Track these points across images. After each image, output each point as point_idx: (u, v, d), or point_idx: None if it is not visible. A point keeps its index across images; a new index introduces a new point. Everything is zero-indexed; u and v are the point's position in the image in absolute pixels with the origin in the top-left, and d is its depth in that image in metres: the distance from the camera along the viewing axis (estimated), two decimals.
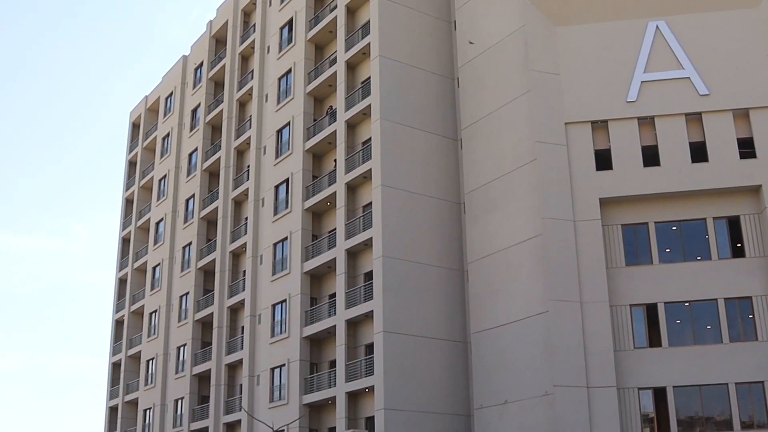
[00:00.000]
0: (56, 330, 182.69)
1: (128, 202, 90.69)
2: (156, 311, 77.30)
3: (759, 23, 50.95)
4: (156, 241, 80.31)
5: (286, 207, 61.03)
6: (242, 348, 63.71)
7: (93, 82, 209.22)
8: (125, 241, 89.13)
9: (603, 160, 50.41)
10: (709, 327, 47.86)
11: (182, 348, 72.08)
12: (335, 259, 55.60)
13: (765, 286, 47.57)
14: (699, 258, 49.00)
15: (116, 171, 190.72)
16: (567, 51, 52.24)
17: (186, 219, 75.73)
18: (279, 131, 63.98)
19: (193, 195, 75.02)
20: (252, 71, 71.03)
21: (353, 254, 55.39)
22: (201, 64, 79.59)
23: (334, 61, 60.68)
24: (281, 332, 58.79)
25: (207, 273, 71.80)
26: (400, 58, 56.58)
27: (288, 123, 62.77)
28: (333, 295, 56.30)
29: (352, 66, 59.50)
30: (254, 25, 72.17)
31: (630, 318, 48.25)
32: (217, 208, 70.85)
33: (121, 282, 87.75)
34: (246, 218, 67.52)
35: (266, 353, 59.87)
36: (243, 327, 64.61)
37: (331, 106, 60.56)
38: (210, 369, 67.08)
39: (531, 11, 52.90)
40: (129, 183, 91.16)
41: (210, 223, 73.29)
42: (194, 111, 79.20)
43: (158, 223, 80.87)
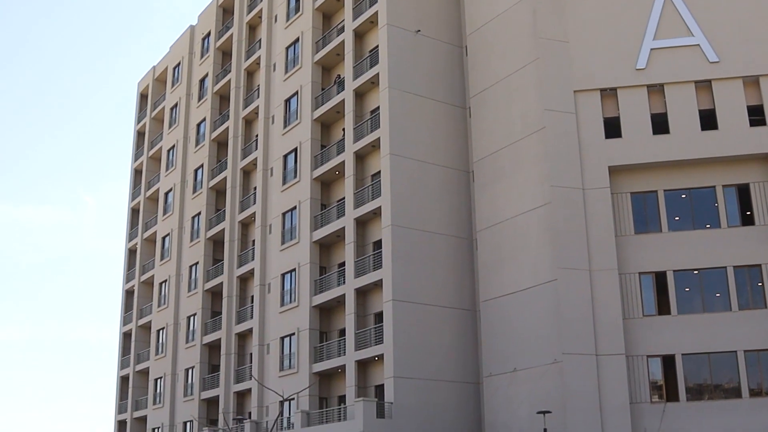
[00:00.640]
0: (66, 301, 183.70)
1: (137, 173, 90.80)
2: (166, 281, 77.59)
3: None
4: (165, 212, 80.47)
5: (295, 176, 61.04)
6: (252, 317, 63.96)
7: (100, 53, 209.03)
8: (134, 212, 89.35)
9: (612, 128, 50.24)
10: (718, 295, 47.86)
11: (192, 317, 72.40)
12: (344, 228, 55.67)
13: None
14: (708, 226, 48.92)
15: (124, 142, 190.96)
16: (576, 18, 51.94)
17: (195, 189, 75.82)
18: (287, 100, 63.88)
19: (202, 165, 75.08)
20: (259, 40, 70.84)
21: (362, 223, 55.45)
22: (208, 34, 79.38)
23: (342, 30, 60.46)
24: (291, 301, 58.98)
25: (216, 243, 71.98)
26: (408, 26, 56.33)
27: (296, 92, 62.65)
28: (342, 264, 56.41)
29: (360, 35, 59.28)
30: None
31: (639, 286, 48.27)
32: (226, 178, 70.90)
33: (131, 252, 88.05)
34: (255, 188, 67.56)
35: (276, 322, 60.11)
36: (252, 296, 64.84)
37: (339, 75, 60.39)
38: (220, 338, 67.41)
39: None
40: (137, 153, 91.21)
41: (219, 193, 73.38)
42: (202, 81, 79.08)
43: (167, 194, 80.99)
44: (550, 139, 49.87)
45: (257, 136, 68.31)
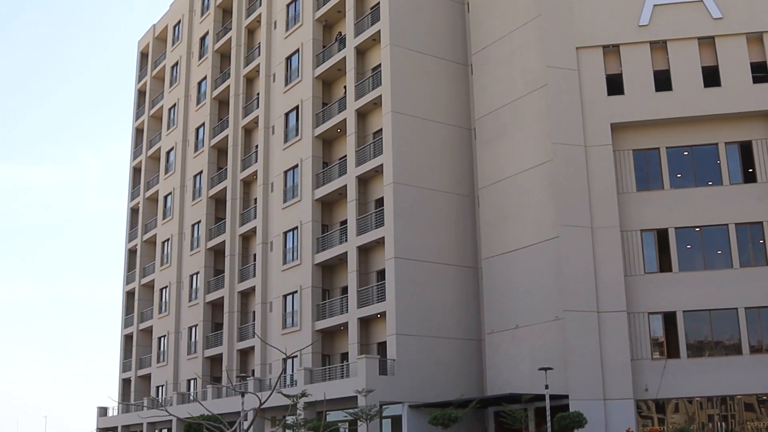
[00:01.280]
0: (69, 260, 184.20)
1: (138, 132, 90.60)
2: (168, 240, 77.73)
3: None
4: (167, 170, 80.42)
5: (297, 134, 60.94)
6: (254, 275, 64.15)
7: (100, 12, 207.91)
8: (136, 171, 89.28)
9: (614, 85, 50.05)
10: (720, 252, 47.94)
11: (195, 276, 72.62)
12: (346, 186, 55.66)
13: None
14: (710, 183, 48.89)
15: (125, 100, 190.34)
16: None
17: (196, 148, 75.73)
18: (288, 58, 63.59)
19: (203, 124, 74.92)
20: None
21: (364, 181, 55.44)
22: None
23: None
24: (293, 259, 59.12)
25: (218, 201, 72.01)
26: None
27: (297, 50, 62.35)
28: (344, 222, 56.46)
29: None
30: None
31: (641, 243, 48.33)
32: (228, 137, 70.77)
33: (133, 211, 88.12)
34: (256, 146, 67.45)
35: (278, 280, 60.31)
36: (255, 254, 64.98)
37: (341, 33, 60.07)
38: (223, 296, 67.66)
39: None
40: (138, 112, 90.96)
41: (220, 152, 73.29)
42: (202, 39, 78.67)
43: (169, 152, 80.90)
44: (552, 96, 49.70)
45: (258, 95, 68.10)
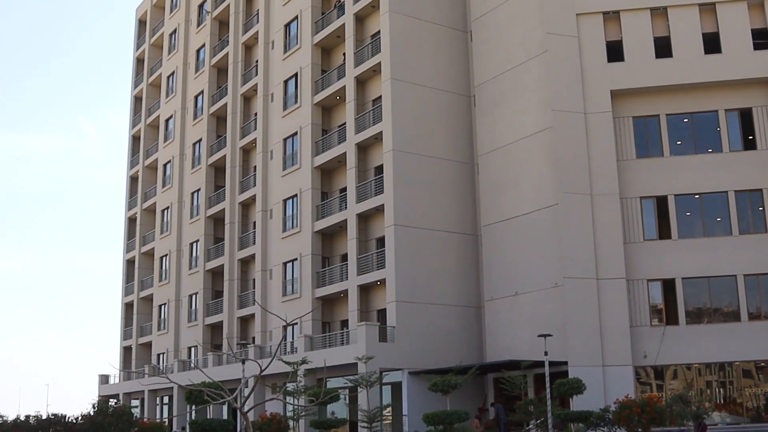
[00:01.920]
0: (69, 229, 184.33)
1: (137, 100, 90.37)
2: (168, 208, 77.77)
3: None
4: (166, 139, 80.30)
5: (296, 102, 60.80)
6: (254, 243, 64.24)
7: None
8: (135, 139, 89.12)
9: (614, 52, 49.86)
10: (719, 219, 47.98)
11: (195, 244, 72.73)
12: (345, 154, 55.60)
13: None
14: (710, 150, 48.85)
15: (123, 69, 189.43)
16: None
17: (195, 115, 75.58)
18: (287, 26, 63.30)
19: (202, 91, 74.73)
20: None
21: (363, 148, 55.37)
22: None
23: None
24: (293, 227, 59.19)
25: (218, 169, 71.96)
26: None
27: (296, 17, 62.05)
28: (344, 190, 56.46)
29: None
30: None
31: (640, 210, 48.34)
32: (227, 104, 70.59)
33: (133, 180, 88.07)
34: (255, 114, 67.29)
35: (278, 248, 60.41)
36: (255, 222, 65.02)
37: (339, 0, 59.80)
38: (223, 264, 67.78)
39: None
40: (137, 81, 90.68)
41: (219, 120, 73.14)
42: (201, 6, 78.25)
43: (168, 120, 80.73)
44: (552, 63, 49.53)
45: (257, 62, 67.85)
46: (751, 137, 48.56)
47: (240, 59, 70.27)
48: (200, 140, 73.95)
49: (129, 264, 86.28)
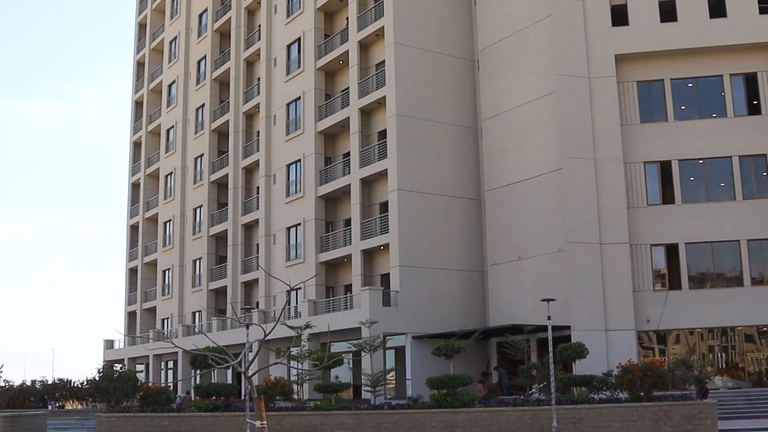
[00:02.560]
0: (73, 195, 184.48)
1: (139, 65, 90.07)
2: (171, 173, 77.76)
3: None
4: (169, 104, 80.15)
5: (299, 66, 60.61)
6: (258, 208, 64.27)
7: None
8: (138, 105, 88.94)
9: (619, 16, 49.57)
10: (723, 184, 47.94)
11: (199, 209, 72.79)
12: (349, 118, 55.49)
13: None
14: (714, 115, 48.71)
15: (126, 34, 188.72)
16: None
17: (198, 81, 75.37)
18: None
19: (205, 56, 74.47)
20: None
21: (367, 113, 55.25)
22: None
23: None
24: (296, 192, 59.21)
25: (221, 134, 71.88)
26: None
27: None
28: (347, 154, 56.41)
29: None
30: None
31: (644, 175, 48.31)
32: (229, 69, 70.37)
33: (136, 145, 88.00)
34: (258, 78, 67.10)
35: (282, 213, 60.48)
36: (258, 187, 65.04)
37: None
38: (226, 229, 67.88)
39: None
40: (139, 46, 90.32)
41: (222, 85, 72.95)
42: None
43: (170, 86, 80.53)
44: (556, 28, 49.28)
45: (260, 27, 67.54)
46: (756, 102, 48.39)
47: (243, 24, 69.94)
48: (203, 105, 73.79)
49: (133, 229, 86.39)
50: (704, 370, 38.64)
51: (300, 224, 58.11)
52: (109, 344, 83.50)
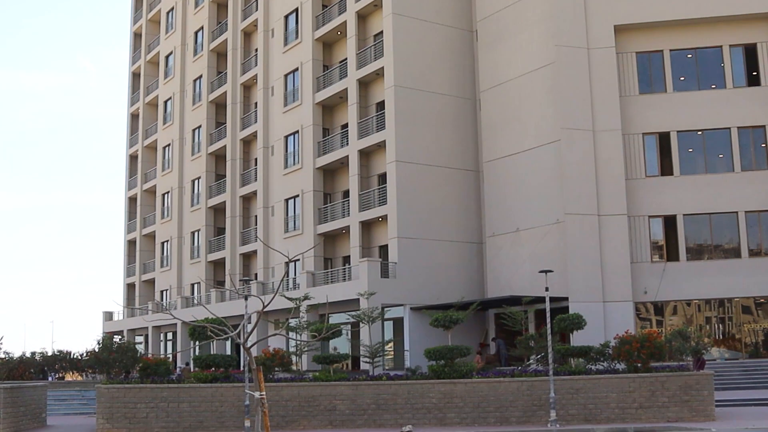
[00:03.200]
0: (71, 166, 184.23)
1: (136, 36, 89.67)
2: (169, 145, 77.63)
3: None
4: (166, 75, 79.88)
5: (296, 37, 60.37)
6: (256, 180, 64.23)
7: None
8: (135, 76, 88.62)
9: None
10: (722, 156, 47.92)
11: (197, 181, 72.75)
12: (347, 90, 55.33)
13: None
14: (713, 86, 48.60)
15: (122, 5, 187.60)
16: None
17: (196, 52, 75.08)
18: None
19: (202, 27, 74.12)
20: None
21: (365, 84, 55.10)
22: None
23: None
24: (294, 163, 59.16)
25: (219, 106, 71.68)
26: None
27: None
28: (345, 126, 56.30)
29: None
30: None
31: (642, 146, 48.27)
32: (227, 40, 70.06)
33: (133, 117, 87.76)
34: (256, 50, 66.86)
35: (280, 184, 60.45)
36: (256, 159, 64.97)
37: None
38: (225, 201, 67.85)
39: None
40: (136, 17, 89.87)
41: (220, 56, 72.67)
42: None
43: (168, 57, 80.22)
44: None
45: None
46: (755, 73, 48.29)
47: None
48: (201, 77, 73.57)
49: (131, 201, 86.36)
50: (701, 342, 38.85)
51: (298, 196, 58.10)
52: (108, 316, 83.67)
